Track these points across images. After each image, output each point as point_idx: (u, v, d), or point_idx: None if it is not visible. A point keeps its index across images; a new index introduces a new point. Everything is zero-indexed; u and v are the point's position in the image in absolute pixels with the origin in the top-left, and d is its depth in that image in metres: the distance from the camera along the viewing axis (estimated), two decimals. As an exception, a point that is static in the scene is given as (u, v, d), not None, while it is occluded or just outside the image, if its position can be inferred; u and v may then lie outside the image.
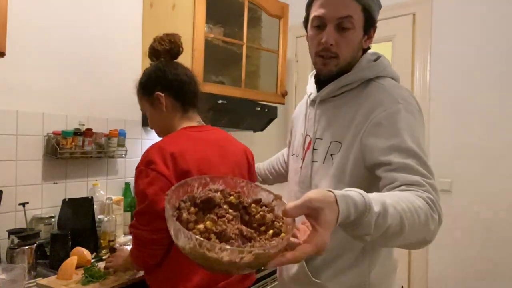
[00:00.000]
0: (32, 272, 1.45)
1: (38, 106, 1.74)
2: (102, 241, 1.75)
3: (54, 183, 1.81)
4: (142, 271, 1.33)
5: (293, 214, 0.59)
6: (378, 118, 0.94)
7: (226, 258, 0.52)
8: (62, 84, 1.84)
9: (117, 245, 1.74)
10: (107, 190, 2.03)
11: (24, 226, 1.64)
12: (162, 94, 1.28)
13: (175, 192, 0.62)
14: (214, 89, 2.08)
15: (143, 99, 1.34)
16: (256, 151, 1.53)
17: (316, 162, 1.05)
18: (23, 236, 1.50)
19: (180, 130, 1.27)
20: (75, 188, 1.88)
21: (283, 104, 2.60)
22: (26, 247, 1.44)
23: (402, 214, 0.71)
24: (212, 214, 0.61)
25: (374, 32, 1.06)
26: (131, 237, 1.23)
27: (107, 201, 1.77)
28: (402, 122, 0.91)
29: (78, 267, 1.41)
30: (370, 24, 1.03)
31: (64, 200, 1.75)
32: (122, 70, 2.07)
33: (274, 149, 1.78)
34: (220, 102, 2.04)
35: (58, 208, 1.75)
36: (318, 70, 1.09)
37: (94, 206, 1.81)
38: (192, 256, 0.54)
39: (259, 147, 2.58)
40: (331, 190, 0.62)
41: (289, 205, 0.59)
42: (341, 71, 1.03)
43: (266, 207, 0.66)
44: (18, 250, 1.42)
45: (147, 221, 1.13)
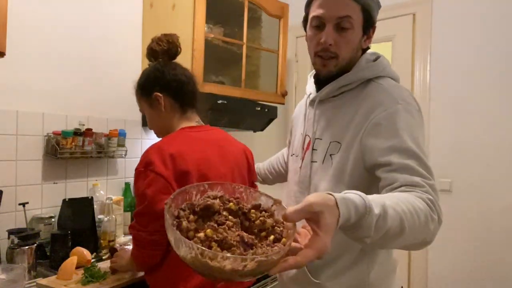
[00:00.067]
0: (32, 272, 1.45)
1: (38, 106, 1.74)
2: (102, 241, 1.75)
3: (54, 183, 1.81)
4: (142, 272, 1.33)
5: (293, 219, 0.58)
6: (377, 118, 0.94)
7: (228, 267, 0.51)
8: (62, 84, 1.84)
9: (117, 245, 1.74)
10: (107, 190, 2.03)
11: (24, 226, 1.64)
12: (161, 95, 1.28)
13: (174, 200, 0.61)
14: (214, 89, 2.08)
15: (142, 100, 1.34)
16: (256, 151, 1.53)
17: (315, 162, 1.05)
18: (23, 236, 1.50)
19: (179, 130, 1.27)
20: (75, 188, 1.88)
21: (283, 104, 2.59)
22: (26, 247, 1.44)
23: (402, 215, 0.70)
24: (212, 221, 0.60)
25: (373, 32, 1.06)
26: (131, 237, 1.24)
27: (107, 201, 1.77)
28: (402, 122, 0.91)
29: (78, 267, 1.41)
30: (369, 24, 1.02)
31: (64, 200, 1.75)
32: (122, 70, 2.07)
33: (274, 149, 1.78)
34: (220, 102, 2.04)
35: (58, 208, 1.75)
36: (317, 70, 1.08)
37: (94, 206, 1.81)
38: (193, 265, 0.53)
39: (259, 147, 2.58)
40: (331, 193, 0.61)
41: (289, 209, 0.58)
42: (340, 71, 1.03)
43: (266, 212, 0.65)
44: (18, 250, 1.42)
45: (147, 222, 1.13)
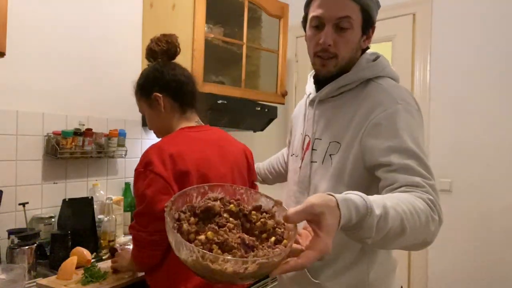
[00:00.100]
0: (32, 272, 1.45)
1: (38, 106, 1.74)
2: (102, 241, 1.75)
3: (54, 183, 1.81)
4: (143, 272, 1.33)
5: (294, 220, 0.58)
6: (377, 118, 0.94)
7: (230, 269, 0.51)
8: (62, 84, 1.84)
9: (117, 245, 1.74)
10: (107, 190, 2.03)
11: (24, 226, 1.64)
12: (160, 95, 1.28)
13: (175, 203, 0.61)
14: (214, 89, 2.08)
15: (141, 100, 1.34)
16: (256, 151, 1.53)
17: (315, 162, 1.05)
18: (23, 236, 1.50)
19: (178, 130, 1.27)
20: (75, 188, 1.89)
21: (283, 104, 2.59)
22: (26, 247, 1.44)
23: (403, 216, 0.70)
24: (212, 223, 0.60)
25: (373, 32, 1.06)
26: (131, 237, 1.24)
27: (107, 201, 1.77)
28: (402, 123, 0.91)
29: (78, 267, 1.41)
30: (368, 24, 1.02)
31: (64, 200, 1.75)
32: (122, 70, 2.07)
33: (274, 149, 1.78)
34: (220, 102, 2.04)
35: (58, 208, 1.75)
36: (317, 71, 1.08)
37: (94, 206, 1.81)
38: (194, 268, 0.53)
39: (259, 147, 2.58)
40: (332, 194, 0.61)
41: (290, 210, 0.58)
42: (340, 71, 1.03)
43: (266, 214, 0.65)
44: (18, 250, 1.42)
45: (146, 222, 1.13)
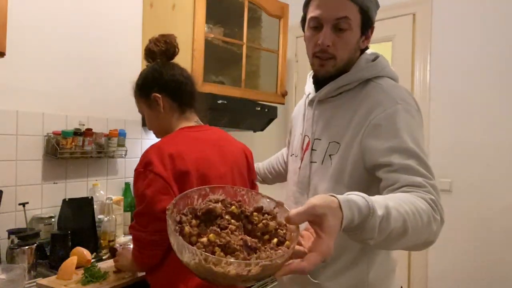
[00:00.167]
0: (32, 272, 1.45)
1: (38, 106, 1.75)
2: (102, 241, 1.75)
3: (54, 183, 1.81)
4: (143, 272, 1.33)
5: (296, 221, 0.58)
6: (377, 119, 0.93)
7: (233, 272, 0.50)
8: (62, 84, 1.84)
9: (117, 245, 1.74)
10: (107, 190, 2.03)
11: (24, 226, 1.64)
12: (159, 95, 1.28)
13: (176, 205, 0.61)
14: (214, 89, 2.08)
15: (141, 101, 1.34)
16: (256, 151, 1.53)
17: (314, 162, 1.05)
18: (23, 236, 1.50)
19: (178, 130, 1.27)
20: (75, 188, 1.89)
21: (283, 104, 2.60)
22: (26, 247, 1.44)
23: (405, 216, 0.70)
24: (214, 225, 0.60)
25: (372, 32, 1.05)
26: (131, 237, 1.24)
27: (107, 201, 1.77)
28: (402, 123, 0.91)
29: (78, 267, 1.41)
30: (367, 24, 1.02)
31: (64, 200, 1.75)
32: (122, 70, 2.07)
33: (274, 149, 1.78)
34: (220, 102, 2.04)
35: (58, 208, 1.75)
36: (315, 71, 1.08)
37: (94, 206, 1.81)
38: (197, 271, 0.53)
39: (259, 147, 2.58)
40: (334, 195, 0.61)
41: (292, 212, 0.58)
42: (338, 72, 1.03)
43: (268, 215, 0.65)
44: (18, 250, 1.43)
45: (146, 222, 1.13)
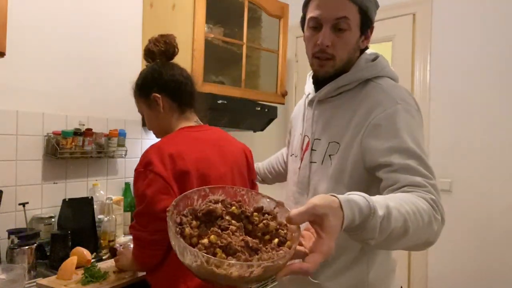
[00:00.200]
0: (32, 272, 1.45)
1: (38, 106, 1.75)
2: (102, 241, 1.75)
3: (54, 183, 1.81)
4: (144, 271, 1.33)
5: (297, 221, 0.58)
6: (377, 119, 0.93)
7: (235, 274, 0.50)
8: (62, 84, 1.84)
9: (117, 245, 1.74)
10: (107, 190, 2.03)
11: (24, 226, 1.64)
12: (159, 95, 1.28)
13: (176, 207, 0.61)
14: (214, 89, 2.08)
15: (140, 101, 1.34)
16: (256, 151, 1.53)
17: (314, 163, 1.05)
18: (23, 236, 1.50)
19: (178, 130, 1.27)
20: (75, 188, 1.89)
21: (283, 104, 2.60)
22: (26, 247, 1.44)
23: (406, 216, 0.70)
24: (215, 226, 0.59)
25: (371, 32, 1.05)
26: (132, 237, 1.24)
27: (107, 201, 1.78)
28: (402, 123, 0.91)
29: (78, 267, 1.41)
30: (367, 24, 1.02)
31: (64, 200, 1.75)
32: (122, 70, 2.07)
33: (274, 149, 1.78)
34: (220, 102, 2.04)
35: (58, 208, 1.75)
36: (315, 71, 1.08)
37: (94, 206, 1.81)
38: (199, 273, 0.53)
39: (259, 147, 2.58)
40: (335, 195, 0.61)
41: (293, 212, 0.58)
42: (338, 72, 1.03)
43: (268, 215, 0.64)
44: (18, 250, 1.42)
45: (146, 222, 1.13)
